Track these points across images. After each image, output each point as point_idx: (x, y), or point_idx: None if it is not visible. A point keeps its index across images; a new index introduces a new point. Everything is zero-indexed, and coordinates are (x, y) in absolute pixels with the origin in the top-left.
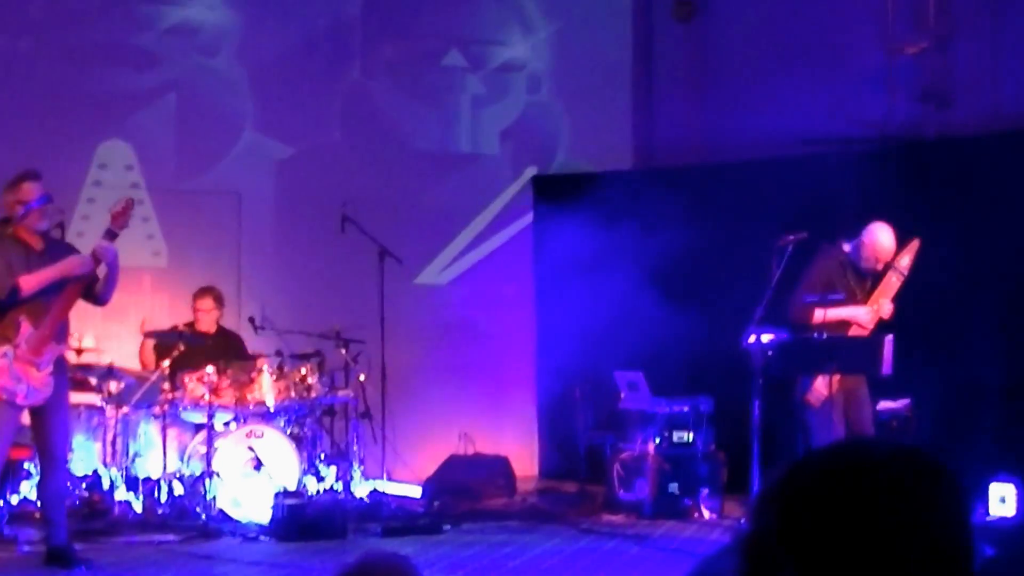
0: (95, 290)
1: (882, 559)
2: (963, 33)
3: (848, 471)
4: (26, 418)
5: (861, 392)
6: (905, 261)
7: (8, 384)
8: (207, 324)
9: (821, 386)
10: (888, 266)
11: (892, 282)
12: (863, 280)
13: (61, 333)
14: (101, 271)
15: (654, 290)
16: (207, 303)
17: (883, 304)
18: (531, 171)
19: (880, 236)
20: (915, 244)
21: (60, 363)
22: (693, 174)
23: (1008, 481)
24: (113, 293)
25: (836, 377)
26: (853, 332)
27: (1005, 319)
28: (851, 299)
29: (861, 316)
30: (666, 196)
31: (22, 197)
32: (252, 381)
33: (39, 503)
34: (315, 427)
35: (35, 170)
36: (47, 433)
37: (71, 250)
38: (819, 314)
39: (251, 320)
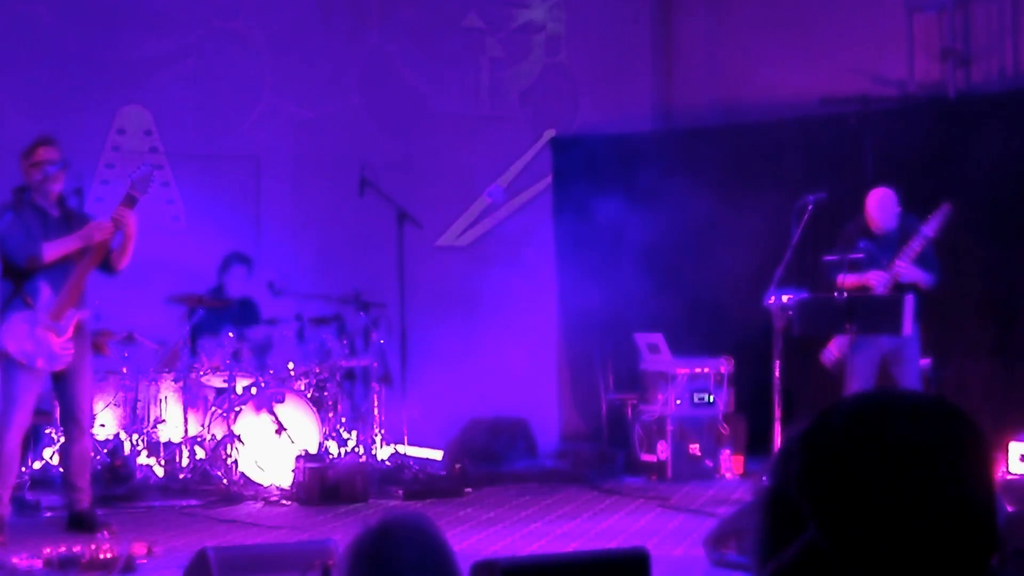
0: (110, 258)
1: (903, 510)
2: None
3: (871, 421)
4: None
5: (904, 352)
6: (931, 225)
7: (29, 349)
8: (238, 289)
9: (833, 347)
10: (916, 230)
11: (914, 246)
12: (889, 243)
13: (81, 299)
14: (117, 238)
15: (674, 251)
16: (243, 269)
17: (897, 267)
18: (550, 133)
19: (871, 202)
20: (944, 209)
21: (80, 328)
22: (713, 135)
23: None
24: (126, 262)
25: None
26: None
27: None
28: (871, 262)
29: (870, 280)
30: (685, 157)
31: (36, 160)
32: (272, 345)
33: (62, 468)
34: (335, 391)
35: (50, 135)
36: (70, 398)
37: (86, 218)
38: (841, 278)
39: (270, 284)
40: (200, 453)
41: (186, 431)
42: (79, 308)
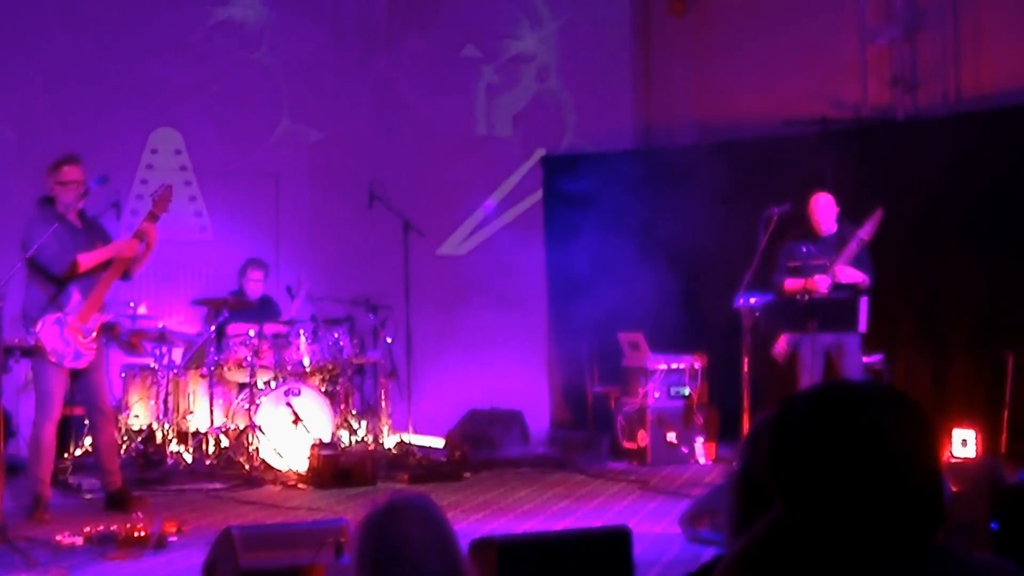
0: (129, 267)
1: (860, 488)
2: (928, 24)
3: (831, 408)
4: None
5: (846, 346)
6: (866, 229)
7: (59, 347)
8: (255, 291)
9: (782, 343)
10: (853, 235)
11: (851, 248)
12: (829, 246)
13: (104, 303)
14: (138, 250)
15: (652, 258)
16: (259, 273)
17: (836, 270)
18: (540, 152)
19: (814, 205)
20: (878, 214)
21: (102, 329)
22: (687, 153)
23: (969, 427)
24: (140, 270)
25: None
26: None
27: (967, 282)
28: (811, 265)
29: (815, 283)
30: (663, 173)
31: (61, 178)
32: (290, 343)
33: (94, 454)
34: (347, 385)
35: (75, 154)
36: (94, 391)
37: (103, 228)
38: (789, 284)
39: (288, 288)
40: (225, 441)
41: (212, 421)
42: (103, 312)
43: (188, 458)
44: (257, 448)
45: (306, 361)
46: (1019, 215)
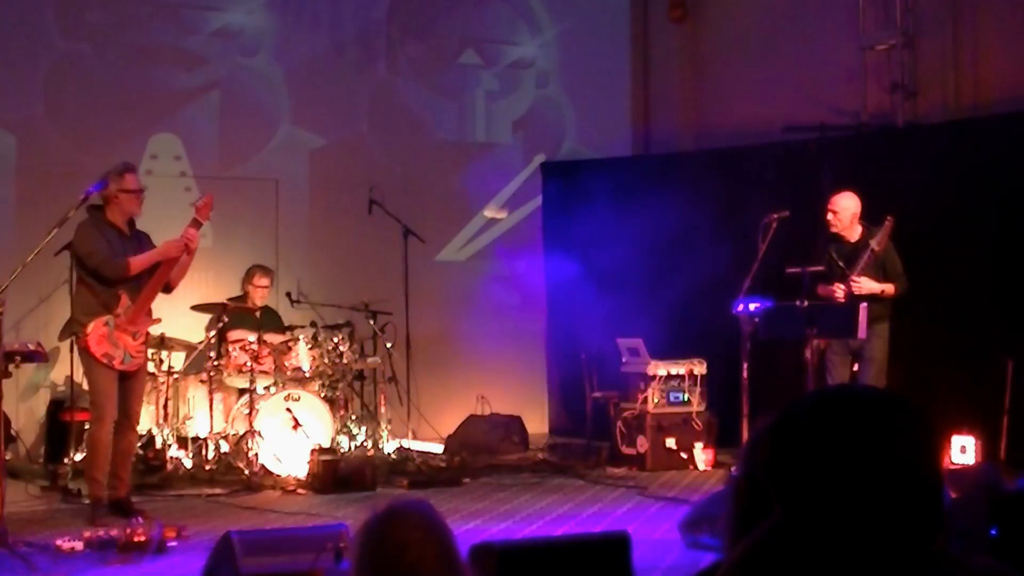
0: (171, 277)
1: (860, 493)
2: (927, 31)
3: (832, 413)
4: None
5: (867, 351)
6: (877, 239)
7: (109, 350)
8: (260, 299)
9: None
10: (867, 245)
11: (865, 258)
12: (848, 255)
13: (150, 308)
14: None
15: (652, 264)
16: (266, 280)
17: (851, 282)
18: (540, 158)
19: (834, 199)
20: (888, 223)
21: (148, 335)
22: (686, 159)
23: (968, 433)
24: (182, 278)
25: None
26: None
27: (966, 288)
28: (833, 271)
29: (833, 291)
30: (662, 179)
31: (126, 186)
32: (290, 349)
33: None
34: (347, 390)
35: (132, 162)
36: (130, 396)
37: (147, 236)
38: (821, 288)
39: (288, 295)
40: (225, 446)
41: (212, 426)
42: (149, 316)
43: (188, 463)
44: (257, 453)
45: (306, 366)
46: (1017, 221)
